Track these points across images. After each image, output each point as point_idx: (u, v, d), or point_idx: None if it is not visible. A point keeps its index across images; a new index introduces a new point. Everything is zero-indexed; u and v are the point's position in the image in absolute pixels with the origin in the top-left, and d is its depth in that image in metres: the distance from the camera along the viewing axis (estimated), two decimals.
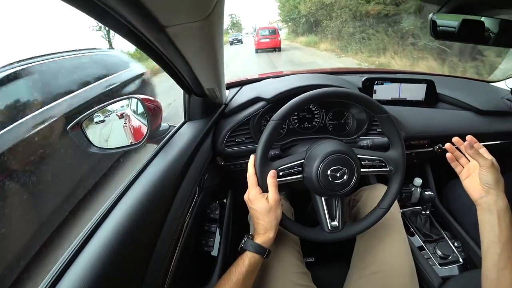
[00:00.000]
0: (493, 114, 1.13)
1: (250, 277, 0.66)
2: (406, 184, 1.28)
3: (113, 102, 0.95)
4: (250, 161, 0.74)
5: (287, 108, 0.72)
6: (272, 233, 0.69)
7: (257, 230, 0.70)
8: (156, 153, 0.76)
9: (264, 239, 0.68)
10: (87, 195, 1.94)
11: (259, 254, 0.67)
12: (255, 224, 0.71)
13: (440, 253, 1.00)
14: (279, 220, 0.71)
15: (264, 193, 0.71)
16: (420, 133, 1.08)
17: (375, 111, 0.77)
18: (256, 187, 0.71)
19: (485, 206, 0.64)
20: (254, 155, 0.73)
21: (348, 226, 0.77)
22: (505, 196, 0.63)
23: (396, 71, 1.52)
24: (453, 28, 0.91)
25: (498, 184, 0.64)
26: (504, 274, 0.58)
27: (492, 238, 0.61)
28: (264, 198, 0.69)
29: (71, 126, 0.81)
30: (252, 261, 0.65)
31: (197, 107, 0.97)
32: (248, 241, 0.69)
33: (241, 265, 0.65)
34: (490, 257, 0.61)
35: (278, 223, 0.71)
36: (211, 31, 0.50)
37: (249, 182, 0.72)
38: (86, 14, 0.37)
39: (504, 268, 0.59)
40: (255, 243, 0.67)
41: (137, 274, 0.51)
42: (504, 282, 0.58)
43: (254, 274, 0.67)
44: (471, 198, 0.67)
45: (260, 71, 9.99)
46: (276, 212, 0.69)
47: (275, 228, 0.70)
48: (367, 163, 0.76)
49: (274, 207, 0.69)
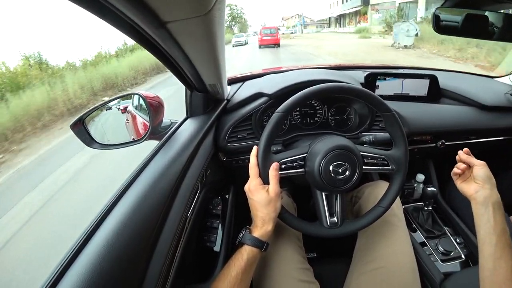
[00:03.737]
0: (496, 109, 1.13)
1: (249, 271, 0.66)
2: (408, 180, 1.27)
3: (115, 99, 0.96)
4: (252, 152, 0.73)
5: (292, 101, 0.72)
6: (271, 226, 0.69)
7: (256, 222, 0.69)
8: (158, 149, 0.77)
9: (262, 232, 0.68)
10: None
11: (257, 248, 0.66)
12: (253, 216, 0.71)
13: (442, 249, 1.00)
14: (278, 213, 0.71)
15: (265, 184, 0.70)
16: (422, 128, 1.08)
17: (380, 109, 0.76)
18: (258, 178, 0.71)
19: (481, 199, 0.68)
20: (257, 146, 0.73)
21: (347, 223, 0.77)
22: (497, 192, 0.69)
23: (398, 66, 1.51)
24: (457, 23, 0.90)
25: (491, 180, 0.70)
26: (500, 263, 0.62)
27: (488, 230, 0.66)
28: (265, 190, 0.69)
29: (74, 123, 0.81)
30: (250, 255, 0.65)
31: (199, 103, 0.97)
32: (246, 234, 0.68)
33: (240, 259, 0.64)
34: (487, 248, 0.65)
35: (276, 216, 0.70)
36: (212, 27, 0.50)
37: (251, 173, 0.72)
38: (88, 11, 0.37)
39: (500, 258, 0.62)
40: (253, 237, 0.67)
41: (139, 270, 0.51)
42: (500, 271, 0.61)
43: (253, 267, 0.67)
44: (467, 195, 0.72)
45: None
46: (275, 204, 0.69)
47: (273, 221, 0.69)
48: (369, 160, 0.76)
49: (274, 199, 0.68)
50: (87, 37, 14.73)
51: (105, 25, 0.41)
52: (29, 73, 8.18)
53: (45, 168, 4.02)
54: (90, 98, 7.78)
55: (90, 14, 0.38)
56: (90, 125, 0.86)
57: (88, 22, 14.23)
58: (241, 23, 70.88)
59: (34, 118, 6.07)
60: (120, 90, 8.92)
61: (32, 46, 21.89)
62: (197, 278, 0.89)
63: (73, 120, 0.82)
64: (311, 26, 62.93)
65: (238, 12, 67.19)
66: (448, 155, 0.76)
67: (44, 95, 6.85)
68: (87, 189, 3.07)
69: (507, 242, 0.64)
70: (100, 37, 10.77)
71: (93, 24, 11.64)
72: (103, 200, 0.57)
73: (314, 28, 60.77)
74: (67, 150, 4.29)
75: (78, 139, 0.83)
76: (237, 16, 66.97)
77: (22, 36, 11.29)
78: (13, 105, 6.07)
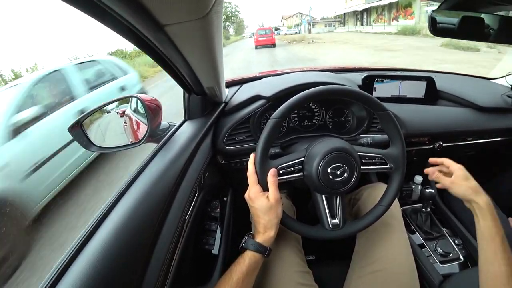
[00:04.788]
0: (493, 111, 1.13)
1: (251, 276, 0.66)
2: (406, 182, 1.28)
3: (113, 102, 0.96)
4: (250, 159, 0.74)
5: (287, 106, 0.72)
6: (273, 231, 0.69)
7: (258, 228, 0.70)
8: (156, 152, 0.76)
9: (264, 238, 0.68)
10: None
11: (260, 253, 0.67)
12: (255, 222, 0.71)
13: (440, 251, 1.00)
14: (279, 219, 0.71)
15: (265, 191, 0.71)
16: (420, 130, 1.08)
17: (375, 108, 0.77)
18: (257, 185, 0.71)
19: (477, 199, 0.71)
20: (254, 154, 0.73)
21: (349, 224, 0.77)
22: (484, 197, 0.71)
23: (396, 68, 1.51)
24: (453, 25, 0.91)
25: (470, 180, 0.75)
26: (494, 268, 0.63)
27: (478, 235, 0.69)
28: (265, 196, 0.69)
29: (71, 126, 0.81)
30: (252, 260, 0.65)
31: (197, 106, 0.97)
32: (248, 240, 0.69)
33: (242, 264, 0.64)
34: (479, 253, 0.68)
35: (278, 222, 0.71)
36: (210, 30, 0.50)
37: (250, 180, 0.72)
38: (86, 14, 0.37)
39: (492, 263, 0.64)
40: (256, 242, 0.67)
41: (137, 274, 0.51)
42: (494, 275, 0.63)
43: (255, 273, 0.67)
44: (467, 199, 0.73)
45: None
46: (276, 210, 0.69)
47: (275, 227, 0.70)
48: (367, 160, 0.76)
49: (274, 206, 0.69)
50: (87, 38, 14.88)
51: (103, 28, 0.41)
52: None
53: None
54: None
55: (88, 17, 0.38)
56: (88, 127, 0.86)
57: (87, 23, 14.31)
58: (237, 23, 63.92)
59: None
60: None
61: (31, 49, 21.99)
62: (195, 281, 0.88)
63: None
64: (319, 25, 56.23)
65: (232, 11, 59.56)
66: (446, 156, 0.76)
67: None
68: None
69: (499, 246, 0.64)
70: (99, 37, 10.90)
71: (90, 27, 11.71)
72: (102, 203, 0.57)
73: (322, 27, 54.35)
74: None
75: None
76: (231, 15, 59.39)
77: (21, 39, 11.30)
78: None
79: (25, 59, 9.93)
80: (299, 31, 53.32)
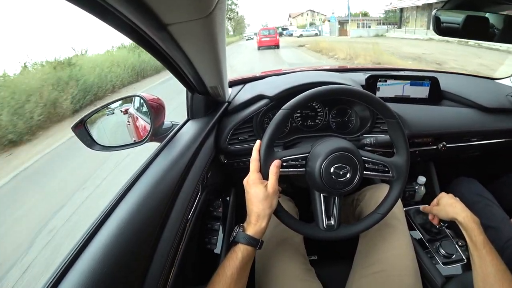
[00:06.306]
0: (497, 111, 1.12)
1: (245, 269, 0.65)
2: (409, 183, 1.27)
3: (116, 101, 0.96)
4: (255, 146, 0.73)
5: (300, 99, 0.72)
6: (265, 222, 0.67)
7: (250, 218, 0.68)
8: (159, 151, 0.77)
9: (256, 229, 0.66)
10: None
11: (252, 246, 0.65)
12: (248, 210, 0.69)
13: (443, 252, 0.99)
14: (273, 210, 0.70)
15: (264, 180, 0.70)
16: (424, 131, 1.07)
17: (385, 115, 0.76)
18: (258, 172, 0.70)
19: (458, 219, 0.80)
20: (260, 141, 0.73)
21: (343, 227, 0.76)
22: (466, 213, 0.79)
23: (399, 68, 1.51)
24: (457, 25, 0.90)
25: (455, 201, 0.86)
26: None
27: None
28: (263, 185, 0.68)
29: (75, 125, 0.82)
30: (245, 254, 0.64)
31: (200, 105, 0.97)
32: (240, 233, 0.66)
33: (235, 258, 0.63)
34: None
35: (271, 213, 0.69)
36: (213, 29, 0.51)
37: (251, 166, 0.71)
38: (89, 13, 0.37)
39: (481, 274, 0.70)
40: (247, 235, 0.65)
41: (140, 272, 0.51)
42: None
43: (249, 265, 0.67)
44: (449, 218, 0.84)
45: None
46: (272, 201, 0.68)
47: (268, 218, 0.68)
48: (370, 166, 0.76)
49: (271, 196, 0.67)
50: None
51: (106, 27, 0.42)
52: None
53: None
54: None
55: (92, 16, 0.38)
56: (92, 127, 0.86)
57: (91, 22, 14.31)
58: (234, 19, 55.16)
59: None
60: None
61: (31, 48, 22.09)
62: (197, 280, 0.88)
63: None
64: (352, 25, 34.22)
65: (228, 3, 44.88)
66: (450, 157, 0.75)
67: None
68: None
69: (483, 251, 0.70)
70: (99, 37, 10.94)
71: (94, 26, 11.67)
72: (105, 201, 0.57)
73: (354, 27, 33.44)
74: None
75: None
76: (228, 9, 46.25)
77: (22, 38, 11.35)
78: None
79: (27, 55, 9.95)
80: (319, 31, 42.13)
